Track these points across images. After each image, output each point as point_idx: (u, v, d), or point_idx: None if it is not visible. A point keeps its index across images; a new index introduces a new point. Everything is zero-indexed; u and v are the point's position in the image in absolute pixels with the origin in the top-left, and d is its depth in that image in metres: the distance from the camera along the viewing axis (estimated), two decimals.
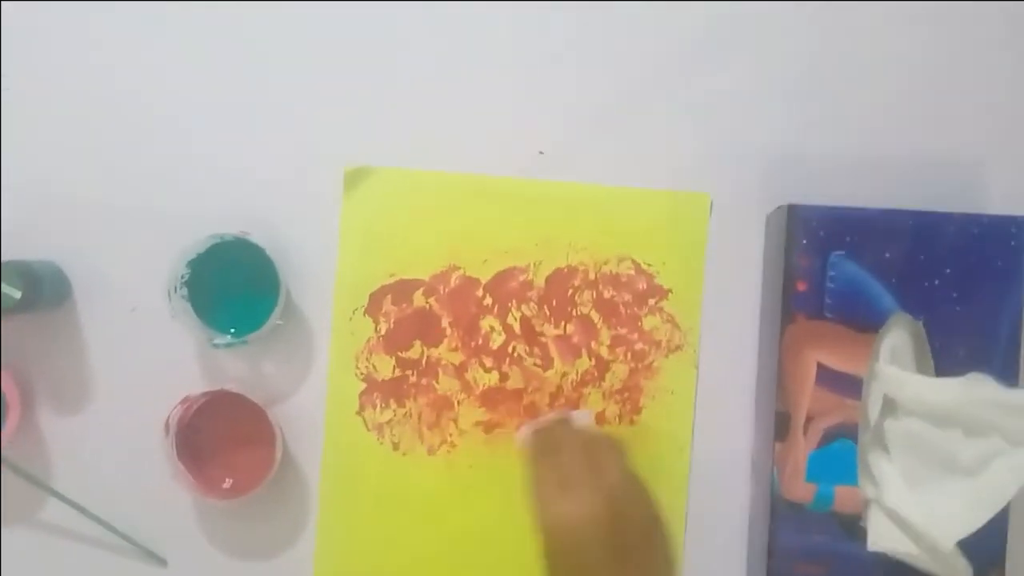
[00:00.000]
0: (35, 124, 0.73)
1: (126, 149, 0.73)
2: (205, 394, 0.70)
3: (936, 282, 0.63)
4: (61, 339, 0.73)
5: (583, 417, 0.68)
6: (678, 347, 0.71)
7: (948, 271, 0.63)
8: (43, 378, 0.72)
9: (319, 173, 0.73)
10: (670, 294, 0.72)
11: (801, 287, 0.64)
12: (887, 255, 0.63)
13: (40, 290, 0.69)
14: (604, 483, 0.56)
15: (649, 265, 0.72)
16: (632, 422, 0.71)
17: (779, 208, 0.66)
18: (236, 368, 0.73)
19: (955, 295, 0.63)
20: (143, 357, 0.72)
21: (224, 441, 0.72)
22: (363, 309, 0.73)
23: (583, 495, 0.56)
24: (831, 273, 0.64)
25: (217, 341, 0.70)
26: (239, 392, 0.69)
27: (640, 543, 0.56)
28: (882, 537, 0.60)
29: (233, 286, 0.71)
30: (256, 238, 0.69)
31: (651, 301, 0.72)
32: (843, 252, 0.64)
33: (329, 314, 0.73)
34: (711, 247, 0.71)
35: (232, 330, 0.70)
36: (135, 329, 0.72)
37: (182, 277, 0.70)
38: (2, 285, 0.67)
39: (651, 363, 0.71)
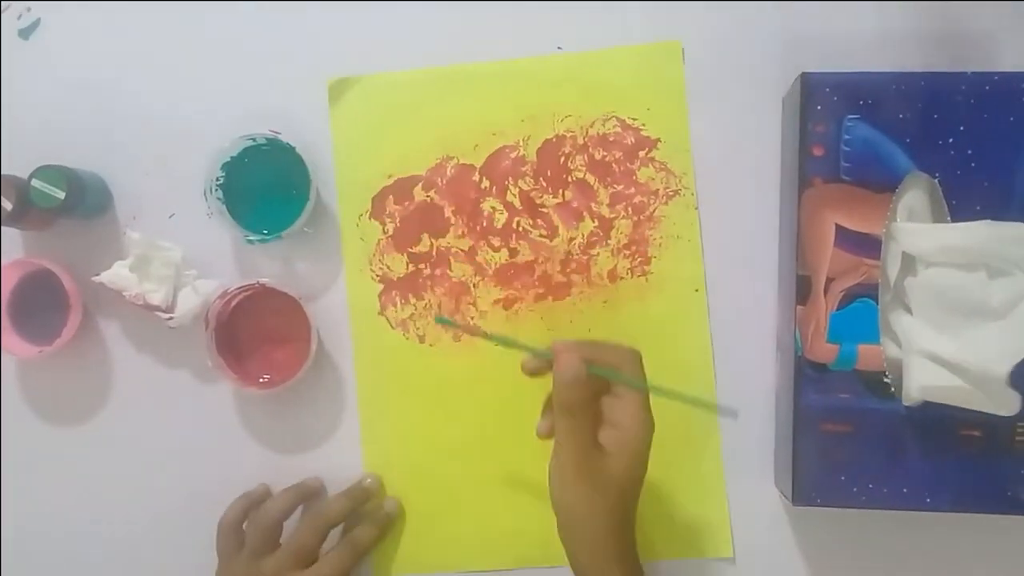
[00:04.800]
0: (73, 52, 0.77)
1: (155, 63, 0.76)
2: (242, 288, 0.73)
3: (950, 140, 0.64)
4: (105, 244, 0.75)
5: None
6: (675, 192, 0.73)
7: (961, 128, 0.64)
8: (89, 282, 0.74)
9: (339, 75, 0.75)
10: (659, 143, 0.73)
11: (817, 152, 0.65)
12: (901, 116, 0.64)
13: (82, 194, 0.72)
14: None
15: (634, 119, 0.73)
16: (644, 273, 0.73)
17: (795, 81, 0.67)
18: (270, 268, 0.75)
19: (969, 152, 0.64)
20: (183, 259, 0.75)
21: (261, 335, 0.75)
22: (368, 213, 0.75)
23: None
24: (846, 137, 0.65)
25: (251, 237, 0.72)
26: (274, 286, 0.72)
27: None
28: (924, 379, 0.61)
29: (266, 187, 0.74)
30: (285, 138, 0.72)
31: (641, 153, 0.73)
32: (857, 116, 0.65)
33: None
34: (727, 129, 0.73)
35: (265, 231, 0.72)
36: (174, 233, 0.75)
37: (217, 179, 0.73)
38: (46, 186, 0.70)
39: (652, 212, 0.73)
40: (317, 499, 0.74)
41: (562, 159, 0.74)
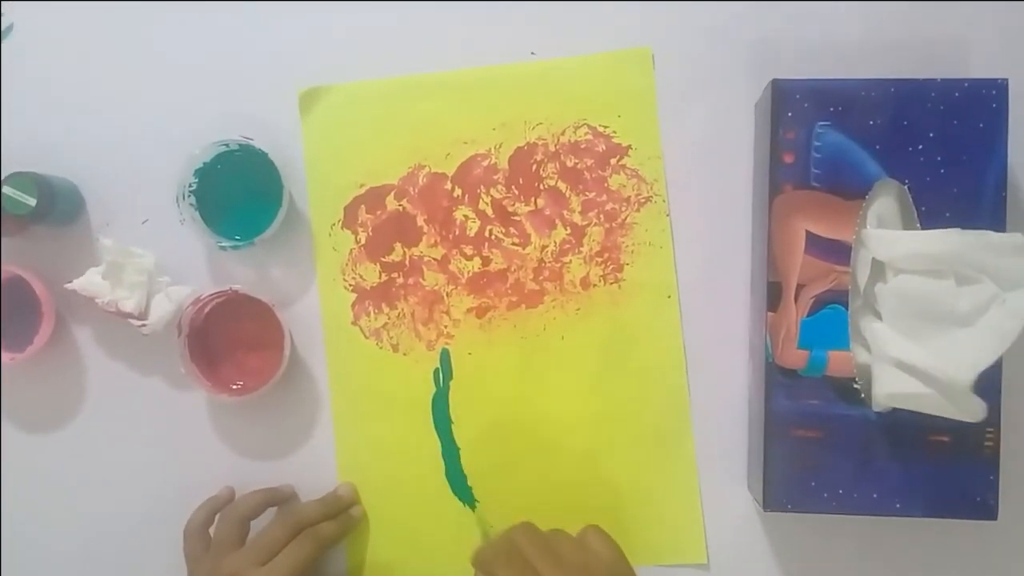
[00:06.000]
0: (45, 53, 0.76)
1: (128, 69, 0.76)
2: (215, 294, 0.72)
3: (920, 147, 0.64)
4: (77, 251, 0.75)
5: None
6: (647, 199, 0.73)
7: (931, 135, 0.64)
8: (62, 289, 0.73)
9: (311, 83, 0.75)
10: (630, 150, 0.73)
11: (788, 159, 0.65)
12: (871, 123, 0.65)
13: (54, 201, 0.71)
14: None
15: (605, 127, 0.73)
16: (617, 280, 0.73)
17: (765, 87, 0.68)
18: (244, 274, 0.75)
19: (939, 159, 0.64)
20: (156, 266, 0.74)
21: (234, 342, 0.74)
22: (340, 223, 0.75)
23: None
24: (816, 144, 0.65)
25: (224, 243, 0.72)
26: (247, 292, 0.72)
27: None
28: (891, 387, 0.61)
29: (238, 193, 0.74)
30: (259, 144, 0.72)
31: (613, 160, 0.73)
32: (828, 123, 0.65)
33: None
34: (699, 135, 0.73)
35: (238, 237, 0.72)
36: (147, 239, 0.75)
37: (190, 185, 0.73)
38: (17, 192, 0.70)
39: (624, 220, 0.73)
40: (288, 504, 0.74)
41: (534, 167, 0.74)
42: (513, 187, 0.74)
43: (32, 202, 0.70)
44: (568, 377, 0.73)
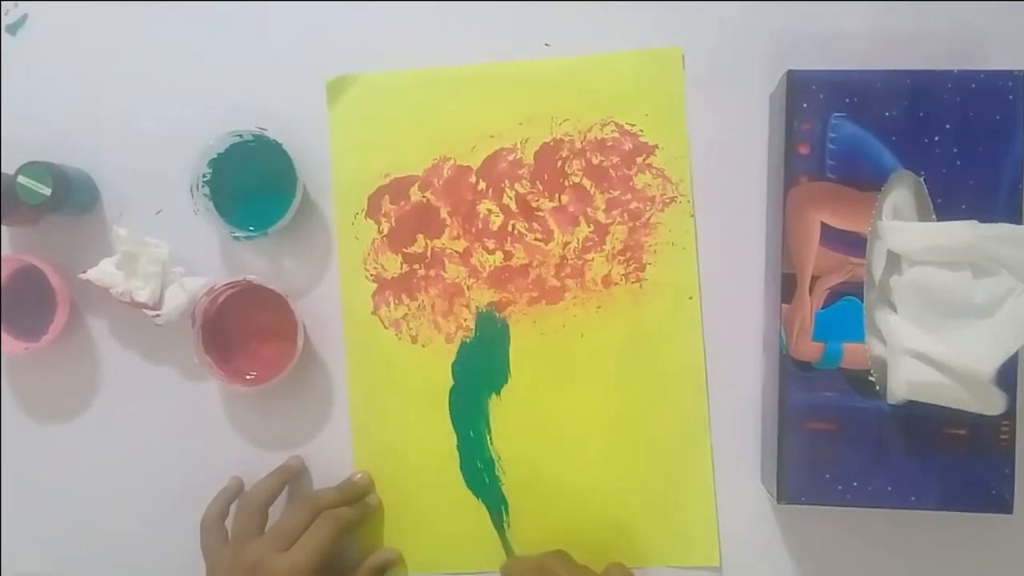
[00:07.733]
0: (60, 47, 0.77)
1: (143, 60, 0.76)
2: (228, 285, 0.72)
3: (936, 138, 0.64)
4: (92, 241, 0.75)
5: None
6: (672, 199, 0.73)
7: (948, 127, 0.64)
8: (76, 279, 0.73)
9: (326, 74, 0.75)
10: (656, 149, 0.73)
11: (803, 150, 0.65)
12: (887, 114, 0.64)
13: (69, 191, 0.72)
14: None
15: (632, 125, 0.73)
16: (639, 279, 0.73)
17: (781, 79, 0.67)
18: (258, 265, 0.75)
19: (955, 150, 0.64)
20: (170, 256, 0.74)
21: (248, 332, 0.75)
22: (363, 212, 0.75)
23: None
24: (832, 135, 0.65)
25: (237, 234, 0.72)
26: (261, 283, 0.72)
27: None
28: (911, 375, 0.61)
29: (252, 184, 0.74)
30: (273, 135, 0.72)
31: (639, 159, 0.73)
32: (843, 114, 0.65)
33: None
34: (722, 134, 0.72)
35: (251, 228, 0.72)
36: (161, 229, 0.75)
37: (204, 176, 0.73)
38: (32, 182, 0.70)
39: (648, 219, 0.73)
40: (300, 478, 0.74)
41: (559, 163, 0.73)
42: (538, 182, 0.74)
43: (47, 192, 0.70)
44: (587, 375, 0.73)
